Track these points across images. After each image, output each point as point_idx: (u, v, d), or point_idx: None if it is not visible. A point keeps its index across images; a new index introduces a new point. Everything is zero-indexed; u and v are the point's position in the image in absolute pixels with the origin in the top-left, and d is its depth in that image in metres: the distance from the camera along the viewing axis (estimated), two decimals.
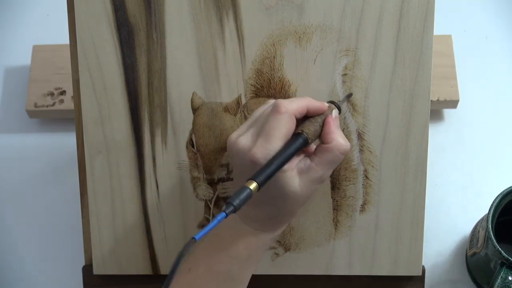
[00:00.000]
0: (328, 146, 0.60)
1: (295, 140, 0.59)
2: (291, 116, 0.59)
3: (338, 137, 0.61)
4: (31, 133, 0.92)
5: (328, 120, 0.61)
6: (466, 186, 0.86)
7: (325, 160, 0.60)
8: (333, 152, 0.60)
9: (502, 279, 0.70)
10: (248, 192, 0.54)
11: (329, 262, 0.72)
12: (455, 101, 0.87)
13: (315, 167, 0.60)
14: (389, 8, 0.66)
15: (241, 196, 0.53)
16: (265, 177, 0.56)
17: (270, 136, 0.58)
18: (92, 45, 0.69)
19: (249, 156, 0.58)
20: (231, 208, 0.52)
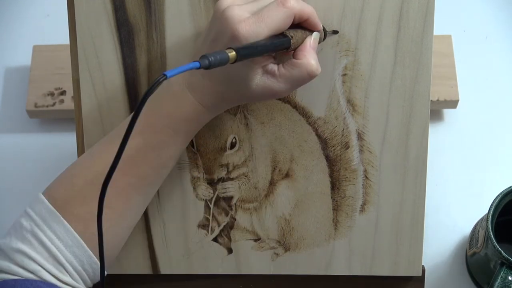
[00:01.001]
0: (298, 61, 0.59)
1: (279, 38, 0.58)
2: (292, 14, 0.58)
3: (310, 56, 0.59)
4: (31, 133, 0.92)
5: (307, 39, 0.60)
6: (466, 186, 0.86)
7: (289, 74, 0.59)
8: (300, 69, 0.59)
9: (502, 279, 0.70)
10: (225, 57, 0.51)
11: (329, 262, 0.72)
12: (455, 101, 0.87)
13: (278, 77, 0.59)
14: (389, 8, 0.66)
15: (218, 56, 0.51)
16: (246, 53, 0.53)
17: (263, 21, 0.56)
18: (92, 45, 0.69)
19: (233, 29, 0.56)
20: (205, 62, 0.50)
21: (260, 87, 0.59)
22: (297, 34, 0.59)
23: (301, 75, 0.59)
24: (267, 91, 0.59)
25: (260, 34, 0.56)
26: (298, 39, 0.59)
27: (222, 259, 0.73)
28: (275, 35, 0.58)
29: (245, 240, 0.72)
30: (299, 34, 0.60)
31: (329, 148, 0.69)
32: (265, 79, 0.59)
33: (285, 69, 0.59)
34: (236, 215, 0.72)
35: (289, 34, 0.58)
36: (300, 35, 0.60)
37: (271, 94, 0.60)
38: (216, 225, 0.72)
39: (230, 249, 0.73)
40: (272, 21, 0.57)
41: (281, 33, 0.58)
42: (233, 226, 0.72)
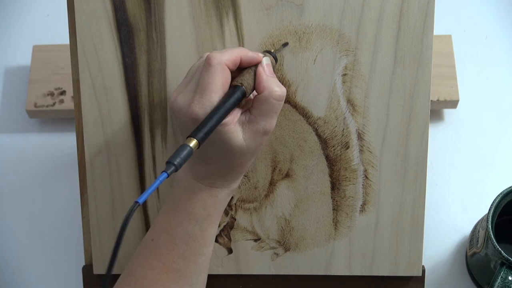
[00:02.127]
0: (262, 95, 0.59)
1: (232, 93, 0.58)
2: (223, 67, 0.58)
3: (271, 85, 0.59)
4: (31, 133, 0.92)
5: (259, 70, 0.60)
6: (466, 186, 0.86)
7: (262, 110, 0.59)
8: (268, 101, 0.59)
9: (502, 279, 0.70)
10: (188, 150, 0.52)
11: (329, 262, 0.72)
12: (455, 101, 0.87)
13: (255, 118, 0.59)
14: (389, 8, 0.66)
15: (181, 155, 0.52)
16: (204, 133, 0.54)
17: (205, 90, 0.57)
18: (92, 45, 0.69)
19: (189, 114, 0.57)
20: (172, 168, 0.51)
21: (249, 138, 0.60)
22: (245, 77, 0.59)
23: (272, 105, 0.59)
24: (256, 136, 0.60)
25: (211, 101, 0.57)
26: (249, 81, 0.59)
27: (222, 259, 0.73)
28: (227, 93, 0.58)
29: (245, 240, 0.72)
30: (246, 76, 0.60)
31: (329, 148, 0.69)
32: (247, 129, 0.59)
33: (255, 109, 0.60)
34: (236, 215, 0.72)
35: (237, 83, 0.59)
36: (247, 76, 0.60)
37: (261, 136, 0.60)
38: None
39: (230, 249, 0.73)
40: (212, 84, 0.57)
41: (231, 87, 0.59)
42: (233, 226, 0.72)
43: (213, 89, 0.57)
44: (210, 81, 0.57)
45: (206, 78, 0.58)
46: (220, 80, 0.58)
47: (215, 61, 0.58)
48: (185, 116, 0.58)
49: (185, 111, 0.58)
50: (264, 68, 0.60)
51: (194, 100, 0.57)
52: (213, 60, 0.58)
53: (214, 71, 0.58)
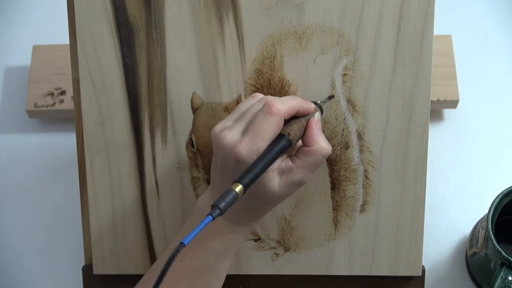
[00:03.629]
0: (310, 149, 0.60)
1: (279, 142, 0.59)
2: (281, 118, 0.59)
3: (320, 140, 0.60)
4: (31, 133, 0.92)
5: (311, 123, 0.61)
6: (466, 186, 0.86)
7: (306, 163, 0.60)
8: (315, 156, 0.60)
9: (502, 279, 0.70)
10: (234, 195, 0.53)
11: (329, 262, 0.72)
12: (455, 101, 0.87)
13: (296, 169, 0.60)
14: (389, 8, 0.66)
15: (227, 199, 0.53)
16: (250, 179, 0.55)
17: (257, 136, 0.58)
18: (92, 45, 0.69)
19: (234, 153, 0.58)
20: (217, 212, 0.52)
21: (283, 186, 0.60)
22: (293, 128, 0.60)
23: (317, 160, 0.60)
24: (292, 186, 0.60)
25: (260, 148, 0.58)
26: (296, 132, 0.60)
27: None
28: (273, 141, 0.59)
29: (245, 240, 0.72)
30: (294, 127, 0.60)
31: None
32: (284, 178, 0.60)
33: (300, 160, 0.60)
34: None
35: (285, 132, 0.59)
36: (295, 127, 0.60)
37: (296, 186, 0.61)
38: None
39: None
40: (265, 133, 0.58)
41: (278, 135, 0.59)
42: None
43: (265, 138, 0.58)
44: (265, 129, 0.58)
45: (263, 125, 0.58)
46: (275, 130, 0.58)
47: (275, 110, 0.58)
48: (229, 154, 0.58)
49: (229, 149, 0.58)
50: (315, 122, 0.61)
51: (242, 142, 0.58)
52: (274, 109, 0.58)
53: (273, 121, 0.58)
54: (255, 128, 0.58)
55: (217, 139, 0.60)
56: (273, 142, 0.59)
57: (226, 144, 0.58)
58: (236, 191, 0.54)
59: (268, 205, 0.62)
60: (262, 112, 0.59)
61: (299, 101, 0.61)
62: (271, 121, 0.58)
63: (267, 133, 0.58)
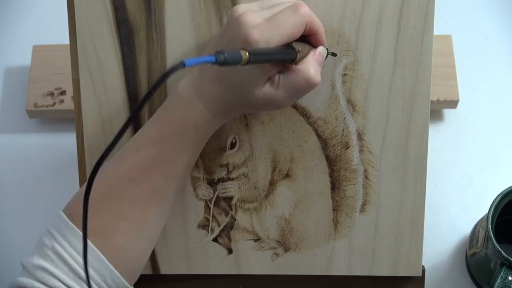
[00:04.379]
0: (296, 67, 0.59)
1: (287, 50, 0.58)
2: (304, 21, 0.58)
3: (310, 64, 0.59)
4: (31, 133, 0.92)
5: (310, 51, 0.60)
6: (466, 186, 0.86)
7: (289, 82, 0.59)
8: (298, 76, 0.59)
9: (502, 279, 0.70)
10: (239, 55, 0.52)
11: (329, 263, 0.72)
12: (455, 101, 0.87)
13: (278, 85, 0.59)
14: (389, 8, 0.66)
15: (233, 54, 0.51)
16: (257, 56, 0.54)
17: (277, 26, 0.57)
18: (92, 45, 0.69)
19: (246, 32, 0.56)
20: (221, 57, 0.50)
21: (262, 94, 0.59)
22: (305, 49, 0.60)
23: (299, 82, 0.59)
24: (267, 101, 0.60)
25: (272, 40, 0.56)
26: (304, 55, 0.60)
27: (222, 259, 0.73)
28: (284, 46, 0.58)
29: (245, 240, 0.72)
30: (306, 50, 0.60)
31: (329, 148, 0.70)
32: (267, 86, 0.59)
33: (285, 77, 0.59)
34: (236, 215, 0.72)
35: (297, 47, 0.59)
36: (307, 50, 0.60)
37: (271, 103, 0.60)
38: (216, 225, 0.72)
39: (230, 249, 0.73)
40: (285, 27, 0.57)
41: (290, 45, 0.58)
42: (233, 226, 0.72)
43: (282, 33, 0.57)
44: (287, 23, 0.57)
45: (286, 18, 0.57)
46: (295, 29, 0.57)
47: (304, 11, 0.57)
48: (242, 31, 0.56)
49: (246, 27, 0.56)
50: (316, 52, 0.60)
51: (260, 26, 0.56)
52: (302, 9, 0.57)
53: (296, 19, 0.57)
54: (277, 19, 0.57)
55: (238, 15, 0.57)
56: (284, 46, 0.58)
57: (246, 22, 0.57)
58: (242, 55, 0.52)
59: (243, 104, 0.61)
60: (290, 8, 0.58)
61: (322, 26, 0.61)
62: (295, 18, 0.57)
63: (286, 29, 0.57)
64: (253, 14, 0.57)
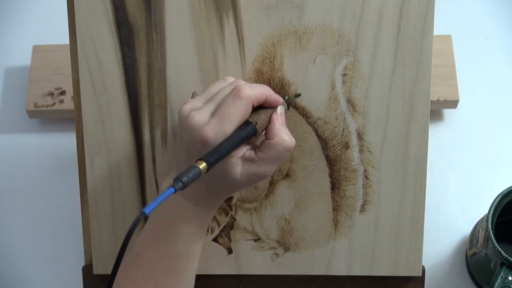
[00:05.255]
0: (271, 142, 0.60)
1: (245, 128, 0.59)
2: (249, 103, 0.59)
3: (282, 133, 0.60)
4: (31, 133, 0.92)
5: (273, 117, 0.61)
6: (466, 186, 0.86)
7: (268, 156, 0.60)
8: (275, 148, 0.60)
9: (502, 279, 0.70)
10: (197, 171, 0.53)
11: (328, 262, 0.72)
12: (455, 101, 0.87)
13: (258, 161, 0.60)
14: (389, 8, 0.66)
15: (190, 174, 0.53)
16: (214, 159, 0.55)
17: (225, 119, 0.58)
18: (92, 45, 0.69)
19: (200, 135, 0.58)
20: (180, 185, 0.52)
21: (245, 175, 0.60)
22: (260, 117, 0.60)
23: (278, 153, 0.60)
24: (253, 177, 0.60)
25: (226, 131, 0.58)
26: (263, 122, 0.60)
27: (222, 259, 0.73)
28: (240, 127, 0.59)
29: (245, 240, 0.72)
30: (262, 117, 0.60)
31: (329, 148, 0.70)
32: (247, 167, 0.60)
33: (262, 152, 0.60)
34: (236, 215, 0.72)
35: (252, 120, 0.59)
36: (263, 117, 0.61)
37: (257, 178, 0.61)
38: (216, 225, 0.72)
39: (230, 249, 0.73)
40: (233, 116, 0.58)
41: (245, 121, 0.59)
42: (233, 226, 0.72)
43: (232, 121, 0.58)
44: (233, 113, 0.58)
45: (230, 108, 0.58)
46: (242, 114, 0.59)
47: (244, 95, 0.58)
48: (196, 135, 0.58)
49: (197, 130, 0.58)
50: (278, 116, 0.61)
51: (210, 124, 0.58)
52: (243, 93, 0.58)
53: (241, 105, 0.58)
54: (223, 111, 0.58)
55: (185, 119, 0.59)
56: (239, 128, 0.59)
57: (194, 125, 0.58)
58: (200, 168, 0.54)
59: (229, 190, 0.62)
60: (231, 96, 0.59)
61: (268, 90, 0.61)
62: (240, 105, 0.58)
63: (235, 117, 0.58)
64: (198, 113, 0.59)
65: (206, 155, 0.55)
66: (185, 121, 0.59)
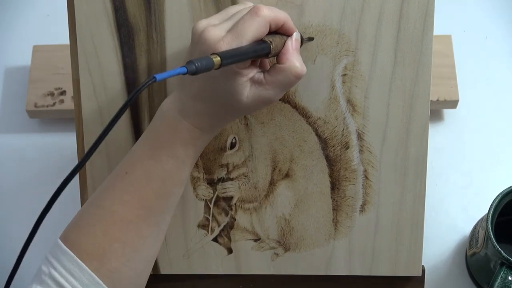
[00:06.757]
0: (282, 66, 0.59)
1: (259, 44, 0.58)
2: (267, 22, 0.58)
3: (293, 59, 0.60)
4: (31, 133, 0.92)
5: (287, 42, 0.60)
6: (466, 186, 0.86)
7: (276, 80, 0.59)
8: (285, 73, 0.59)
9: (502, 279, 0.70)
10: (211, 61, 0.52)
11: (328, 262, 0.72)
12: (455, 101, 0.87)
13: (266, 84, 0.59)
14: (389, 8, 0.66)
15: (204, 62, 0.52)
16: (229, 56, 0.54)
17: (240, 35, 0.57)
18: (92, 45, 0.69)
19: (213, 48, 0.57)
20: (192, 67, 0.51)
21: (251, 98, 0.59)
22: (276, 40, 0.60)
23: (287, 79, 0.59)
24: (259, 100, 0.60)
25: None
26: (277, 44, 0.60)
27: (222, 259, 0.73)
28: (255, 42, 0.58)
29: (245, 240, 0.72)
30: (277, 39, 0.60)
31: (329, 148, 0.70)
32: (254, 89, 0.59)
33: (271, 76, 0.59)
34: (236, 215, 0.72)
35: (268, 40, 0.59)
36: (278, 40, 0.60)
37: (263, 103, 0.60)
38: (216, 225, 0.72)
39: (230, 249, 0.73)
40: (248, 33, 0.57)
41: (261, 40, 0.59)
42: (233, 226, 0.72)
43: (247, 37, 0.57)
44: (249, 29, 0.57)
45: (247, 24, 0.57)
46: (258, 32, 0.58)
47: (262, 13, 0.58)
48: (208, 49, 0.57)
49: (212, 44, 0.57)
50: (293, 41, 0.61)
51: (225, 38, 0.57)
52: (261, 12, 0.58)
53: (258, 22, 0.58)
54: (239, 27, 0.58)
55: (200, 33, 0.58)
56: (254, 43, 0.58)
57: (209, 38, 0.57)
58: (214, 60, 0.52)
59: (232, 113, 0.61)
60: (249, 13, 0.58)
61: (286, 16, 0.61)
62: (256, 23, 0.58)
63: (250, 33, 0.57)
64: (215, 28, 0.58)
65: (223, 52, 0.54)
66: (200, 35, 0.58)
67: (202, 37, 0.58)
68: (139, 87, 0.50)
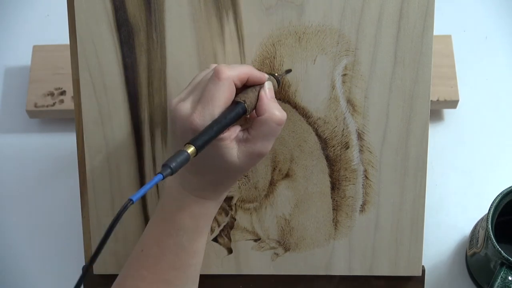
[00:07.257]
0: (262, 118, 0.59)
1: (233, 108, 0.58)
2: (231, 83, 0.58)
3: (271, 108, 0.60)
4: (31, 133, 0.92)
5: (261, 93, 0.61)
6: (466, 186, 0.86)
7: (261, 133, 0.59)
8: (267, 124, 0.59)
9: (502, 279, 0.70)
10: (185, 156, 0.53)
11: (328, 262, 0.72)
12: (455, 101, 0.87)
13: (252, 139, 0.59)
14: (389, 9, 0.66)
15: (178, 159, 0.52)
16: (202, 141, 0.55)
17: (208, 103, 0.57)
18: (92, 45, 0.69)
19: (188, 123, 0.57)
20: (168, 171, 0.51)
21: (242, 157, 0.60)
22: (248, 95, 0.60)
23: (271, 128, 0.59)
24: (251, 157, 0.60)
25: (213, 115, 0.57)
26: (252, 100, 0.60)
27: (222, 259, 0.73)
28: (230, 106, 0.58)
29: (245, 240, 0.72)
30: (250, 94, 0.60)
31: (329, 148, 0.70)
32: (242, 148, 0.59)
33: (254, 130, 0.60)
34: (236, 215, 0.72)
35: (240, 99, 0.59)
36: (251, 94, 0.60)
37: (256, 157, 0.60)
38: (216, 225, 0.72)
39: (230, 249, 0.73)
40: (216, 99, 0.58)
41: (233, 101, 0.59)
42: (233, 226, 0.72)
43: (216, 103, 0.57)
44: (215, 94, 0.58)
45: (212, 91, 0.58)
46: (225, 95, 0.58)
47: (223, 75, 0.58)
48: (185, 125, 0.58)
49: (185, 119, 0.58)
50: (266, 91, 0.61)
51: (196, 110, 0.58)
52: (222, 74, 0.58)
53: (222, 85, 0.58)
54: (206, 96, 0.58)
55: (173, 112, 0.59)
56: (227, 108, 0.58)
57: (182, 115, 0.58)
58: (188, 152, 0.53)
59: (231, 177, 0.62)
60: (212, 79, 0.58)
61: (250, 69, 0.61)
62: (221, 86, 0.58)
63: (218, 99, 0.58)
64: (184, 103, 0.59)
65: (194, 138, 0.55)
66: (174, 114, 0.59)
67: (175, 116, 0.59)
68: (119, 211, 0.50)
